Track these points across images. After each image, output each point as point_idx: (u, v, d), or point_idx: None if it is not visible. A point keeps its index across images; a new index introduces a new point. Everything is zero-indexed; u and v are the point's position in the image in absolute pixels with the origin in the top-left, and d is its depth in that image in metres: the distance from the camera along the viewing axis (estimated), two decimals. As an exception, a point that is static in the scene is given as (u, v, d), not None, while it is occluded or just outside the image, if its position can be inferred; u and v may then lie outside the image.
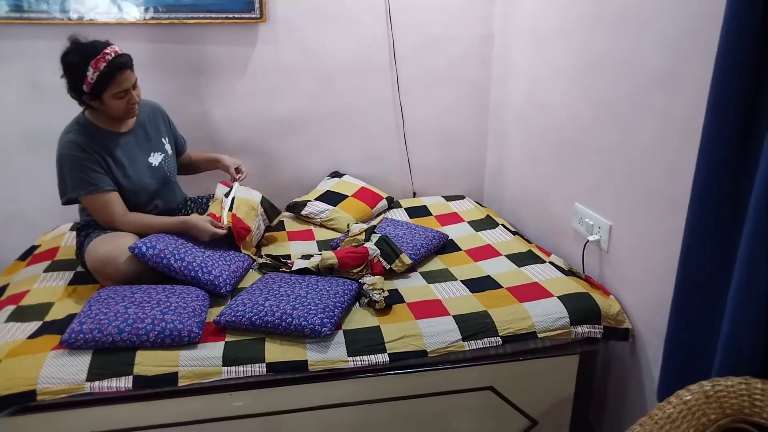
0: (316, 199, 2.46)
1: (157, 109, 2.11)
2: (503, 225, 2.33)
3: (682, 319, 1.28)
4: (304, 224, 2.43)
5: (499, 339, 1.62)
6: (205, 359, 1.51)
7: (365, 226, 2.12)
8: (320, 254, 1.89)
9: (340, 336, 1.59)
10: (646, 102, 1.58)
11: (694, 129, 1.23)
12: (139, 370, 1.47)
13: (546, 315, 1.66)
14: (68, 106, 1.85)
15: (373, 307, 1.70)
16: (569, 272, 1.88)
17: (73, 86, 1.77)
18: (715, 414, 1.03)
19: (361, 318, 1.67)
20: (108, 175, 1.85)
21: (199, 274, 1.75)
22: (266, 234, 2.24)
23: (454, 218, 2.45)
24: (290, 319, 1.55)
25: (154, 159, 2.00)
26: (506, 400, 1.69)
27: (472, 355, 1.62)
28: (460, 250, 2.14)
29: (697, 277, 1.23)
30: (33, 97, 2.32)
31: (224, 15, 2.35)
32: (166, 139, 2.10)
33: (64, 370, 1.45)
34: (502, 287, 1.82)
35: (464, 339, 1.60)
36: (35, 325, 1.63)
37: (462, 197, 2.70)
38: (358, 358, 1.55)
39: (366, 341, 1.58)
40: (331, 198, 2.46)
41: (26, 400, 1.42)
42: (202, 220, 1.89)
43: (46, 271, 1.95)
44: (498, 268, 1.96)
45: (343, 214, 2.37)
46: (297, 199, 2.51)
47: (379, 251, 1.92)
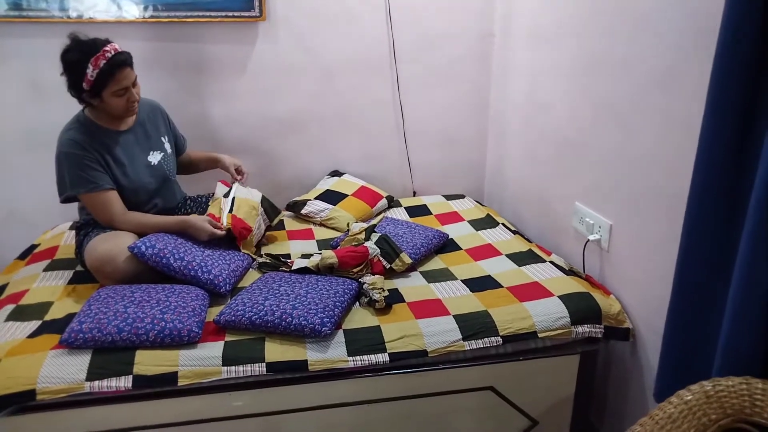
0: (316, 198, 2.46)
1: (156, 108, 2.11)
2: (503, 224, 2.33)
3: (680, 319, 1.28)
4: (304, 223, 2.43)
5: (500, 339, 1.62)
6: (204, 359, 1.50)
7: (365, 225, 2.12)
8: (320, 253, 1.89)
9: (340, 335, 1.59)
10: (646, 102, 1.57)
11: (694, 128, 1.23)
12: (138, 370, 1.47)
13: (546, 315, 1.66)
14: (68, 105, 1.84)
15: (373, 306, 1.70)
16: (570, 272, 1.87)
17: (73, 84, 1.76)
18: (715, 414, 1.03)
19: (361, 317, 1.67)
20: (107, 173, 1.85)
21: (199, 274, 1.75)
22: (266, 233, 2.23)
23: (454, 217, 2.45)
24: (290, 318, 1.55)
25: (154, 158, 2.00)
26: (506, 400, 1.69)
27: (473, 355, 1.62)
28: (461, 249, 2.14)
29: (696, 277, 1.23)
30: (32, 95, 2.31)
31: (224, 13, 2.34)
32: (166, 137, 2.09)
33: (63, 370, 1.45)
34: (502, 287, 1.81)
35: (464, 339, 1.60)
36: (35, 324, 1.63)
37: (462, 196, 2.69)
38: (358, 357, 1.55)
39: (366, 341, 1.57)
40: (331, 197, 2.46)
41: (26, 400, 1.42)
42: (201, 220, 1.89)
43: (46, 270, 1.94)
44: (498, 267, 1.96)
45: (343, 213, 2.37)
46: (297, 198, 2.50)
47: (379, 250, 1.92)
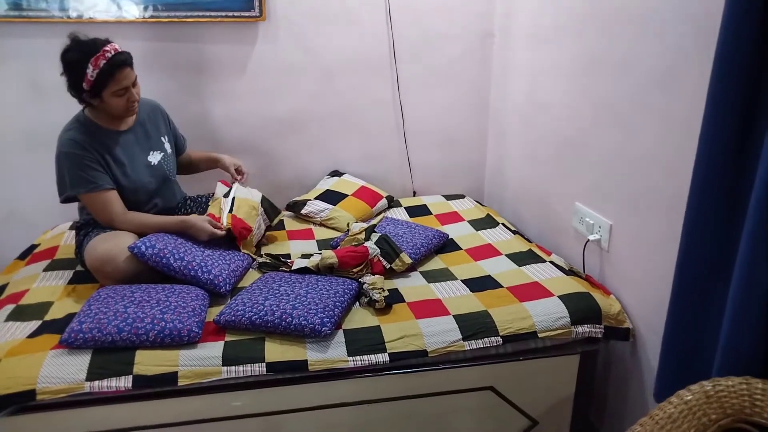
0: (316, 198, 2.46)
1: (156, 108, 2.11)
2: (503, 224, 2.33)
3: (680, 319, 1.27)
4: (304, 223, 2.43)
5: (500, 339, 1.62)
6: (204, 359, 1.50)
7: (365, 225, 2.11)
8: (320, 253, 1.89)
9: (340, 335, 1.59)
10: (646, 102, 1.57)
11: (694, 128, 1.23)
12: (138, 370, 1.47)
13: (546, 315, 1.66)
14: (68, 105, 1.84)
15: (373, 306, 1.70)
16: (570, 272, 1.87)
17: (73, 84, 1.76)
18: (715, 414, 1.03)
19: (361, 317, 1.67)
20: (107, 173, 1.85)
21: (199, 274, 1.75)
22: (266, 233, 2.23)
23: (454, 217, 2.45)
24: (290, 318, 1.55)
25: (154, 158, 2.00)
26: (506, 400, 1.69)
27: (473, 355, 1.62)
28: (461, 249, 2.14)
29: (695, 277, 1.23)
30: (32, 96, 2.31)
31: (224, 13, 2.34)
32: (166, 137, 2.09)
33: (63, 370, 1.45)
34: (502, 287, 1.81)
35: (464, 339, 1.60)
36: (35, 324, 1.63)
37: (462, 196, 2.69)
38: (358, 357, 1.54)
39: (366, 341, 1.57)
40: (331, 197, 2.46)
41: (26, 400, 1.42)
42: (201, 220, 1.89)
43: (46, 270, 1.94)
44: (498, 267, 1.96)
45: (343, 213, 2.37)
46: (297, 198, 2.50)
47: (379, 250, 1.92)
